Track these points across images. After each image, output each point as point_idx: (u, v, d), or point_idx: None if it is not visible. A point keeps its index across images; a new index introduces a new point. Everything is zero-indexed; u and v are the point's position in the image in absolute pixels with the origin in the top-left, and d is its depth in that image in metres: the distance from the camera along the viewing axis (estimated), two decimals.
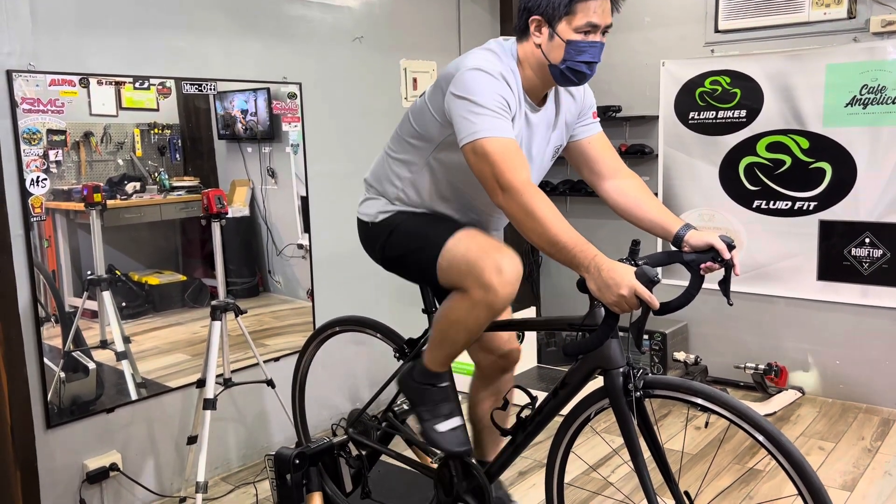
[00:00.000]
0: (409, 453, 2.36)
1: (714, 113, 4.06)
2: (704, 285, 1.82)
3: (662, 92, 4.21)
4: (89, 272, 2.82)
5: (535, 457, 3.14)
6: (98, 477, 2.74)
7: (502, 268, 1.77)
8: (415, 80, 3.91)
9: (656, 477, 1.78)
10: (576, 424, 1.93)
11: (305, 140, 3.42)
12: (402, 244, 2.01)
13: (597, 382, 1.82)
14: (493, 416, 2.13)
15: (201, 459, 2.60)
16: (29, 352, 2.53)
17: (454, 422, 2.03)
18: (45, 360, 2.65)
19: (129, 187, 3.00)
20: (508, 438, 2.07)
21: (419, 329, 2.26)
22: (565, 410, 1.95)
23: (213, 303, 2.79)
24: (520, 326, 2.22)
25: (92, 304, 2.85)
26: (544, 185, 1.87)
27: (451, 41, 4.09)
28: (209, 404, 2.63)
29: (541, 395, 2.05)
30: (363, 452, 2.38)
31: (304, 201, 3.47)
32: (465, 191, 1.95)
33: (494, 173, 1.70)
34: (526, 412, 2.03)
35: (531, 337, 4.26)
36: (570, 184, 4.40)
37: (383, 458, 2.44)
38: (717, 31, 4.02)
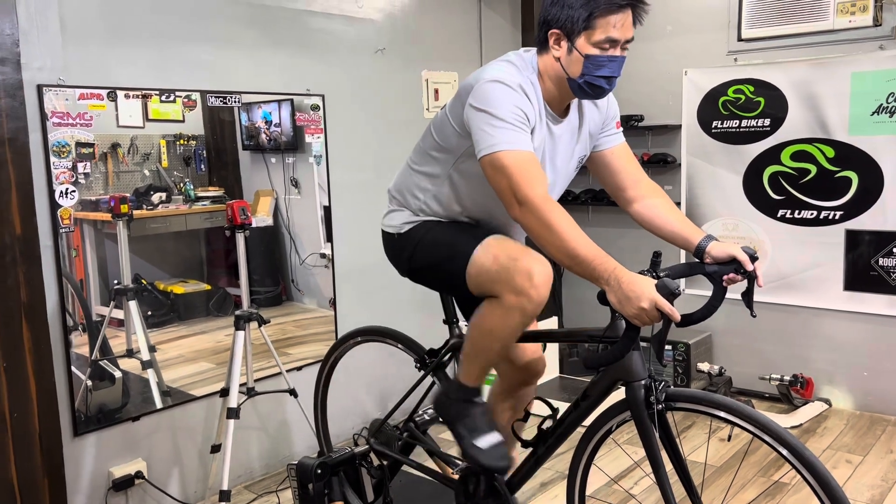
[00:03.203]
0: (430, 464, 2.36)
1: (737, 122, 4.03)
2: (728, 296, 1.80)
3: (685, 101, 4.19)
4: (116, 281, 2.86)
5: (556, 468, 3.13)
6: (124, 484, 2.78)
7: (533, 271, 1.76)
8: (436, 91, 3.93)
9: (679, 490, 1.77)
10: (597, 436, 1.92)
11: (328, 151, 3.45)
12: (430, 254, 2.02)
13: (619, 394, 1.81)
14: (514, 428, 2.13)
15: (225, 468, 2.63)
16: (57, 360, 2.57)
17: (494, 437, 2.00)
18: (73, 368, 2.69)
19: (155, 198, 3.04)
20: (529, 450, 2.07)
21: (440, 339, 2.26)
22: (587, 422, 1.95)
23: (237, 312, 2.82)
24: (541, 338, 2.21)
25: (118, 313, 2.89)
26: (566, 195, 1.87)
27: (472, 52, 4.10)
28: (232, 413, 2.66)
29: (562, 407, 2.04)
30: (384, 462, 2.38)
31: (327, 211, 3.50)
32: (486, 203, 1.95)
33: (511, 186, 1.70)
34: (547, 423, 2.02)
35: (553, 347, 4.24)
36: (591, 193, 4.39)
37: (405, 468, 2.44)
38: (739, 39, 3.99)
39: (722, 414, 1.68)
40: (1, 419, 2.33)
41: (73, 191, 2.63)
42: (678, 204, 4.16)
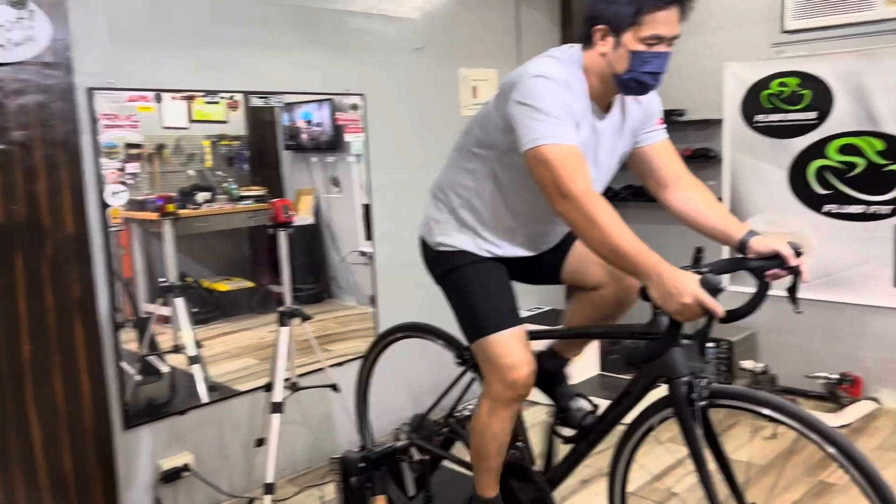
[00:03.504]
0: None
1: (782, 115, 3.95)
2: (773, 292, 1.78)
3: (727, 95, 4.12)
4: (162, 279, 2.93)
5: (597, 465, 3.11)
6: (172, 477, 2.85)
7: (517, 365, 1.93)
8: (474, 89, 3.94)
9: (722, 489, 1.75)
10: (639, 433, 1.91)
11: (368, 149, 3.49)
12: (454, 294, 2.10)
13: (660, 392, 1.80)
14: (555, 425, 2.13)
15: (269, 461, 2.68)
16: (107, 356, 2.65)
17: None
18: (122, 363, 2.76)
19: (200, 197, 3.10)
20: (570, 446, 2.07)
21: None
22: (628, 419, 1.94)
23: (281, 309, 2.87)
24: (581, 335, 2.21)
25: (165, 310, 2.96)
26: (606, 191, 1.86)
27: (510, 49, 4.10)
28: (277, 408, 2.71)
29: (603, 404, 2.04)
30: (425, 457, 2.41)
31: (367, 209, 3.53)
32: (528, 198, 1.96)
33: (554, 180, 1.71)
34: (588, 420, 2.02)
35: (593, 345, 4.22)
36: (632, 189, 4.35)
37: (445, 463, 2.46)
38: (783, 31, 3.91)
39: (766, 411, 1.65)
40: (56, 412, 2.41)
41: (123, 191, 2.70)
42: (720, 199, 4.10)
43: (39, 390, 2.37)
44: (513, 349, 1.94)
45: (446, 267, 2.08)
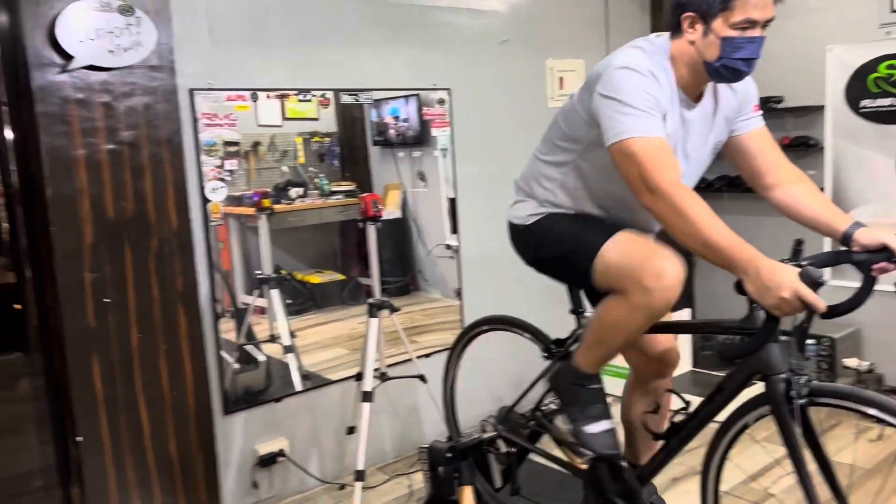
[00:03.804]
0: (558, 453, 2.37)
1: (891, 100, 3.72)
2: (879, 287, 1.69)
3: (829, 79, 3.92)
4: (258, 271, 3.05)
5: (688, 463, 3.04)
6: (268, 461, 2.97)
7: (663, 272, 1.73)
8: (561, 80, 3.90)
9: (823, 491, 1.68)
10: (733, 431, 1.85)
11: (454, 144, 3.51)
12: (555, 247, 2.02)
13: (757, 389, 1.74)
14: (647, 421, 2.09)
15: (360, 449, 2.75)
16: (208, 344, 2.78)
17: (604, 424, 2.01)
18: (222, 352, 2.90)
19: (293, 192, 3.21)
20: (661, 443, 2.03)
21: (566, 329, 2.26)
22: (722, 417, 1.88)
23: (370, 301, 2.93)
24: (675, 329, 2.16)
25: (261, 301, 3.08)
26: (699, 182, 1.81)
27: (598, 38, 4.03)
28: (367, 397, 2.77)
29: (695, 401, 1.99)
30: (512, 450, 2.41)
31: (453, 203, 3.56)
32: (614, 191, 1.93)
33: (641, 174, 1.67)
34: (679, 417, 1.98)
35: (686, 340, 4.11)
36: (727, 179, 4.20)
37: (532, 456, 2.46)
38: (893, 10, 3.68)
39: (872, 411, 1.57)
40: (162, 397, 2.56)
41: (222, 187, 2.82)
42: (822, 190, 3.91)
43: (147, 376, 2.52)
44: (639, 240, 1.84)
45: (540, 232, 2.05)
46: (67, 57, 2.28)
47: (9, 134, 2.46)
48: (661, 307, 1.76)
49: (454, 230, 3.58)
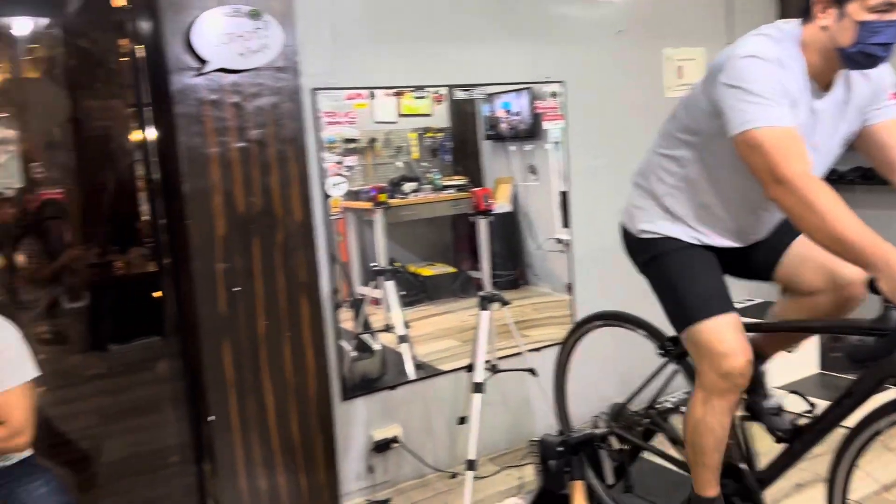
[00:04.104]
0: (673, 452, 2.32)
1: None
2: None
3: None
4: (373, 264, 3.15)
5: (813, 469, 2.89)
6: (382, 447, 3.07)
7: (732, 353, 1.82)
8: (679, 69, 3.78)
9: None
10: (863, 437, 1.76)
11: (567, 137, 3.49)
12: (660, 282, 2.03)
13: (890, 394, 1.65)
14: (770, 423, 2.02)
15: (471, 439, 2.79)
16: (328, 333, 2.90)
17: None
18: (341, 340, 3.02)
19: (407, 187, 3.29)
20: (783, 446, 1.95)
21: None
22: (850, 422, 1.79)
23: (481, 294, 2.97)
24: (801, 329, 2.07)
25: (376, 293, 3.19)
26: (829, 174, 1.71)
27: (719, 26, 3.87)
28: (478, 388, 2.81)
29: (821, 404, 1.90)
30: (625, 447, 2.39)
31: (564, 197, 3.54)
32: (737, 186, 1.87)
33: (768, 165, 1.61)
34: (804, 420, 1.89)
35: (814, 341, 3.90)
36: (861, 171, 3.94)
37: (645, 454, 2.42)
38: None
39: None
40: (285, 382, 2.69)
41: (342, 182, 2.94)
42: None
43: (272, 362, 2.66)
44: (726, 336, 1.84)
45: (650, 254, 2.03)
46: (202, 61, 2.44)
47: (151, 133, 2.67)
48: (730, 384, 1.85)
49: (565, 224, 3.55)
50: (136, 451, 3.35)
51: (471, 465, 2.77)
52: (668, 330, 2.31)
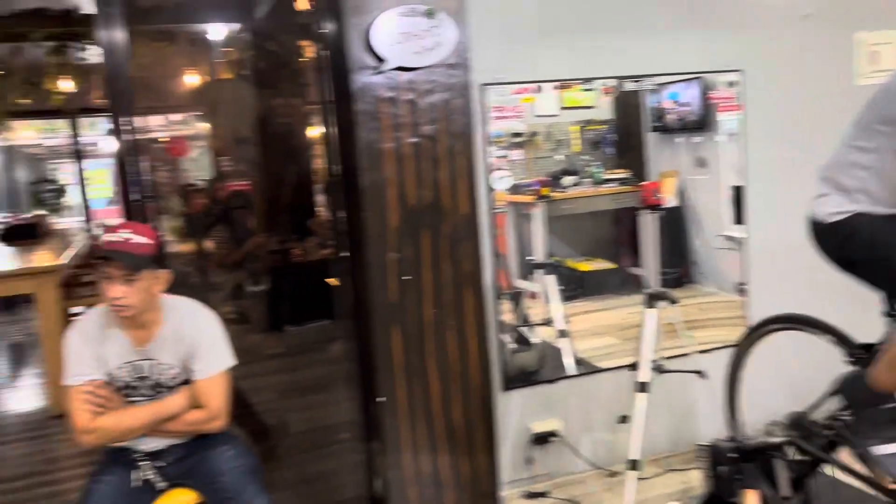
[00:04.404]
0: (859, 467, 2.15)
1: None
2: None
3: None
4: (531, 257, 3.16)
5: None
6: (541, 440, 3.08)
7: None
8: (873, 55, 3.47)
9: None
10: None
11: (746, 128, 3.30)
12: (864, 250, 1.87)
13: None
14: None
15: (634, 439, 2.74)
16: (490, 324, 2.95)
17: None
18: (501, 332, 3.06)
19: (566, 181, 3.27)
20: None
21: (874, 332, 2.04)
22: None
23: (648, 291, 2.90)
24: None
25: (534, 286, 3.20)
26: None
27: None
28: (643, 387, 2.75)
29: None
30: (804, 458, 2.25)
31: (738, 191, 3.36)
32: None
33: None
34: None
35: None
36: None
37: (826, 468, 2.27)
38: None
39: None
40: (449, 369, 2.77)
41: (508, 176, 2.97)
42: None
43: (437, 349, 2.75)
44: None
45: (842, 234, 1.90)
46: (380, 60, 2.56)
47: (331, 130, 2.84)
48: None
49: (738, 220, 3.38)
50: (309, 427, 3.60)
51: (634, 465, 2.72)
52: (857, 335, 2.15)
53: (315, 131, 5.15)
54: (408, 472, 2.74)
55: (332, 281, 3.23)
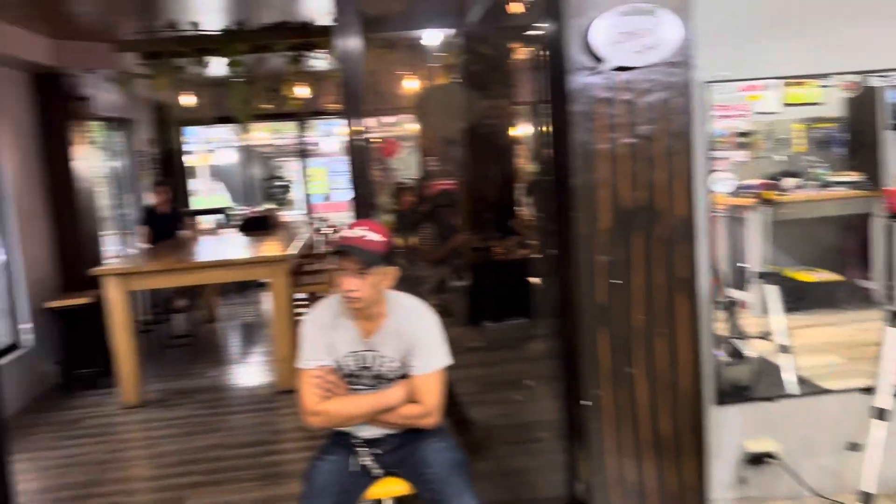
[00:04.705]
0: None
1: None
2: None
3: None
4: (742, 264, 2.97)
5: None
6: (756, 460, 2.89)
7: None
8: None
9: None
10: None
11: None
12: None
13: None
14: None
15: (867, 469, 2.49)
16: (703, 334, 2.80)
17: None
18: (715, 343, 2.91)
19: (787, 183, 3.04)
20: None
21: None
22: None
23: (891, 308, 2.62)
24: None
25: (747, 295, 3.01)
26: None
27: None
28: (881, 414, 2.49)
29: None
30: None
31: None
32: None
33: None
34: None
35: None
36: None
37: None
38: None
39: None
40: (657, 376, 2.68)
41: (730, 178, 2.82)
42: None
43: (646, 355, 2.66)
44: None
45: None
46: (598, 60, 2.52)
47: (543, 130, 2.85)
48: None
49: None
50: (509, 422, 3.65)
51: (866, 497, 2.47)
52: None
53: (520, 132, 5.23)
54: (611, 479, 2.69)
55: (535, 280, 3.25)
